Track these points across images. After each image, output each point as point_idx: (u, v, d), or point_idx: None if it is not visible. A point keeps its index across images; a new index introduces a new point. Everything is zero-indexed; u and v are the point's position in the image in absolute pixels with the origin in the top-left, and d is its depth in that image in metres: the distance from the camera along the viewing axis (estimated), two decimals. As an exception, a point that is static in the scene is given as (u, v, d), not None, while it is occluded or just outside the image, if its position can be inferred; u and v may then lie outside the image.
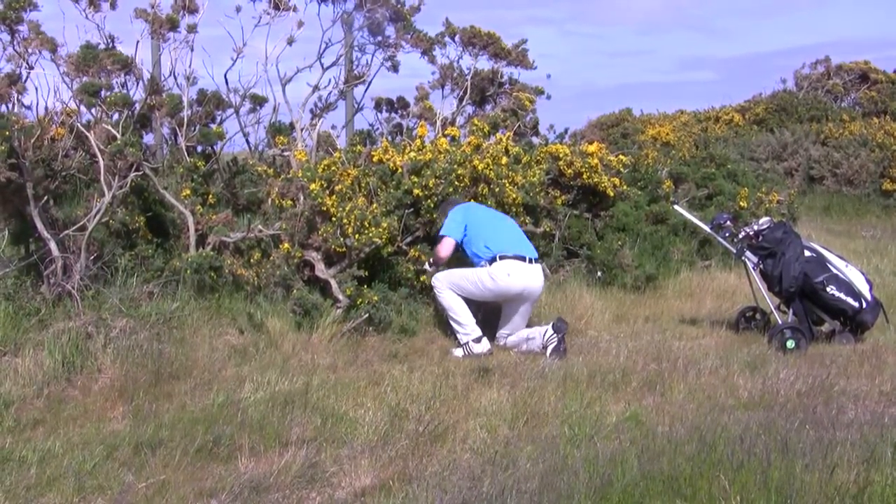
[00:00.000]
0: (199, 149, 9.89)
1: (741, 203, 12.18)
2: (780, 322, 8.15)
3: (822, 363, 7.33)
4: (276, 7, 10.26)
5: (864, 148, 20.64)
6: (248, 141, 10.85)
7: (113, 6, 8.81)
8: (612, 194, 10.67)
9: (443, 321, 8.38)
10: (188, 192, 8.51)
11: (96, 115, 8.40)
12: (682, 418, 5.87)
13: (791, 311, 8.29)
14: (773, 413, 5.94)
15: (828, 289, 8.17)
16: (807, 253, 8.28)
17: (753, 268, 8.43)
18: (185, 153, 9.43)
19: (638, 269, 10.16)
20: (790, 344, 7.83)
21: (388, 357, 7.50)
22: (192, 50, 9.59)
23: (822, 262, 8.28)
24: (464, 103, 12.02)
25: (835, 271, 8.25)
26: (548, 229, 9.75)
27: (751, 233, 8.49)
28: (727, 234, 8.66)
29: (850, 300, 8.18)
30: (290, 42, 10.18)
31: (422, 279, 8.47)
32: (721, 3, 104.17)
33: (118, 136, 7.82)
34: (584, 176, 10.36)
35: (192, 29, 9.37)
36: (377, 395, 6.30)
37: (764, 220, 8.71)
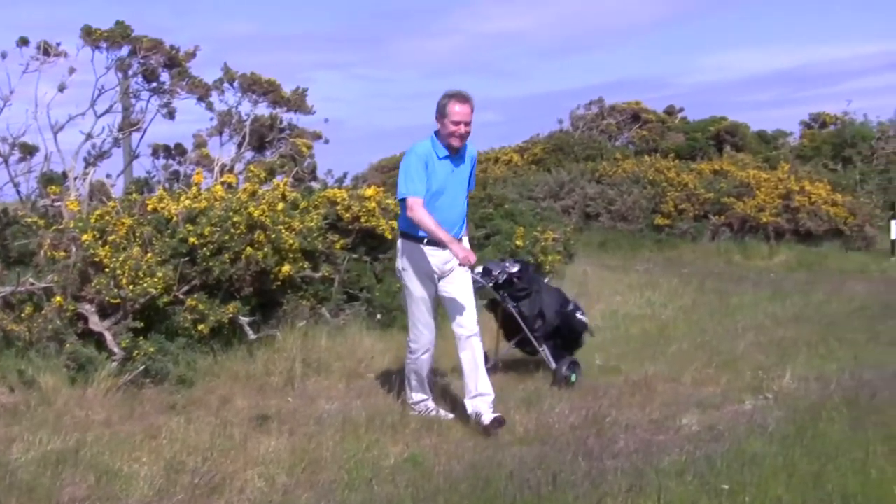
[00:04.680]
0: (-33, 200, 9.59)
1: (518, 242, 12.51)
2: (553, 363, 8.24)
3: (595, 395, 7.60)
4: (46, 53, 10.08)
5: (636, 185, 21.59)
6: (18, 191, 10.62)
7: None
8: (390, 237, 10.79)
9: (221, 371, 8.30)
10: (-46, 246, 8.23)
11: None
12: (459, 457, 6.00)
13: (545, 347, 8.36)
14: (547, 447, 6.14)
15: (577, 314, 8.45)
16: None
17: (514, 311, 8.45)
18: (-49, 205, 9.13)
19: (418, 311, 10.26)
20: (573, 378, 8.03)
21: (165, 409, 7.37)
22: (-46, 97, 9.33)
23: (560, 291, 8.61)
24: (243, 149, 12.02)
25: (570, 297, 8.59)
26: (327, 274, 9.74)
27: (507, 278, 8.53)
28: (490, 284, 8.54)
29: (585, 318, 8.52)
30: (62, 88, 10.03)
31: (199, 328, 8.35)
32: (511, 47, 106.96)
33: None
34: (363, 219, 10.46)
35: (-50, 74, 9.11)
36: (154, 448, 6.20)
37: (509, 262, 8.79)
